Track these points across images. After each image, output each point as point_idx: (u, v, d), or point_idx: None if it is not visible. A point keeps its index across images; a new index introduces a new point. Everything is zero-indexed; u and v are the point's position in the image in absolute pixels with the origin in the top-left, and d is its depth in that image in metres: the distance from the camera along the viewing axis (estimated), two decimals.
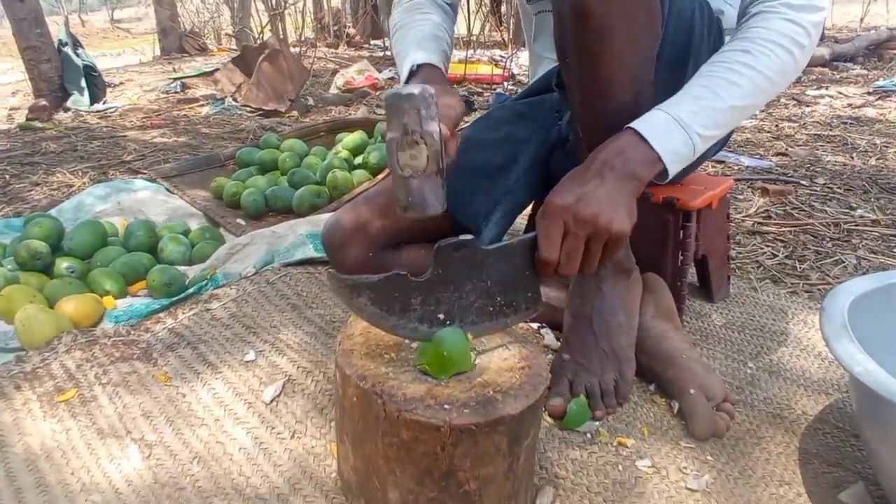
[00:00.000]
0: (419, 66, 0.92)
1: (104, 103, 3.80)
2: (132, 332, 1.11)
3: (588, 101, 0.80)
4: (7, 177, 2.31)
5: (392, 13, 1.10)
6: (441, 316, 0.70)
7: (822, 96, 3.52)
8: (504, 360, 0.75)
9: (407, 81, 0.91)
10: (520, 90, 1.18)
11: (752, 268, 1.45)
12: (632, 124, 0.75)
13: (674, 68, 0.87)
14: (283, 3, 5.21)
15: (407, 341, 0.79)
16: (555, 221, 0.70)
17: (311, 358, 1.01)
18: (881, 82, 3.78)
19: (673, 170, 0.75)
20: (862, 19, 7.34)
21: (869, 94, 3.56)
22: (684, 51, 0.87)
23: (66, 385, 0.95)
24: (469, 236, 0.67)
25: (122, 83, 4.77)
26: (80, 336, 1.07)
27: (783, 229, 1.66)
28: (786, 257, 1.50)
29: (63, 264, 1.32)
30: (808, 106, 3.28)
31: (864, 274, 1.41)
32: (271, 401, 0.90)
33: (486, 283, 0.70)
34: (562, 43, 0.80)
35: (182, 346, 1.04)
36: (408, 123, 0.70)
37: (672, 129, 0.74)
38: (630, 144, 0.74)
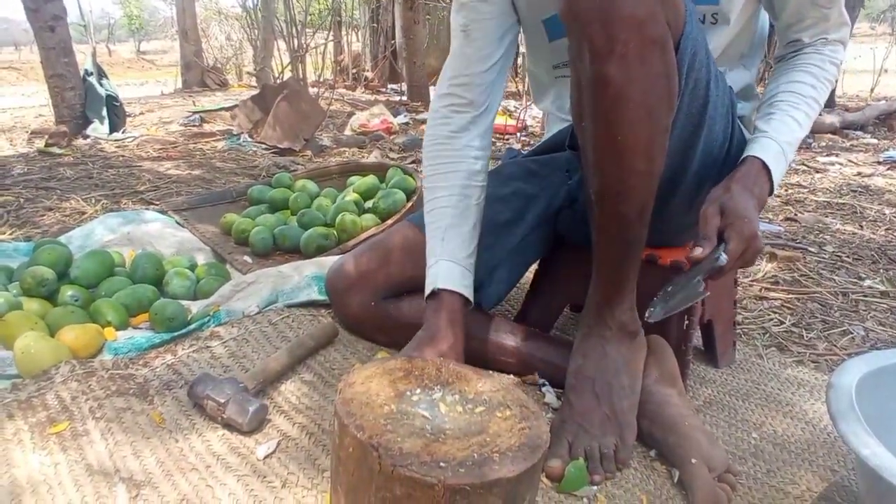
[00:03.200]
0: (438, 290, 0.99)
1: (123, 132, 3.87)
2: (131, 365, 1.10)
3: (601, 166, 0.81)
4: (21, 200, 2.34)
5: (427, 131, 1.11)
6: None
7: (832, 163, 3.55)
8: (505, 419, 0.74)
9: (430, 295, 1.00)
10: (532, 142, 1.20)
11: (759, 334, 1.43)
12: (759, 155, 0.90)
13: (688, 138, 0.89)
14: (304, 46, 5.33)
15: (408, 393, 0.78)
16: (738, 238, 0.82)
17: (308, 406, 1.00)
18: (891, 152, 3.81)
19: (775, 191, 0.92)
20: (872, 90, 7.45)
21: (878, 163, 3.58)
22: (699, 121, 0.88)
23: (60, 417, 0.94)
24: None
25: (142, 113, 4.87)
26: (78, 367, 1.06)
27: (791, 296, 1.65)
28: (793, 325, 1.49)
29: (67, 292, 1.33)
30: (818, 172, 3.30)
31: (871, 347, 1.39)
32: (265, 457, 0.88)
33: None
34: (578, 107, 0.81)
35: (179, 386, 1.02)
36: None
37: (780, 159, 0.91)
38: (762, 177, 0.90)
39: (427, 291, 1.01)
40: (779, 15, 1.00)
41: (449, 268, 1.00)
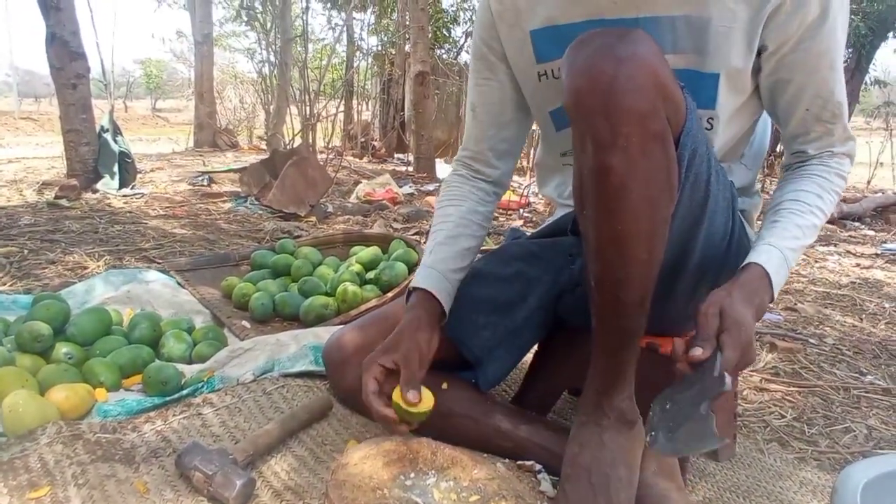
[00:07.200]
0: (415, 288, 1.06)
1: (132, 188, 3.93)
2: (119, 429, 1.07)
3: (602, 253, 0.82)
4: (25, 251, 2.35)
5: (441, 191, 1.21)
6: None
7: (830, 253, 3.58)
8: None
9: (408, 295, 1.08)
10: (535, 219, 1.22)
11: (759, 427, 1.41)
12: (761, 263, 0.87)
13: (688, 229, 0.90)
14: (316, 115, 5.48)
15: (402, 477, 0.77)
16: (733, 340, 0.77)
17: (298, 483, 0.97)
18: (889, 245, 3.85)
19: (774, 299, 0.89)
20: (869, 182, 7.60)
21: (877, 255, 3.61)
22: (700, 214, 0.89)
23: (41, 481, 0.91)
24: None
25: (152, 170, 4.95)
26: (65, 428, 1.04)
27: (791, 389, 1.63)
28: (794, 419, 1.46)
29: (62, 349, 1.31)
30: (817, 262, 3.33)
31: (874, 446, 1.37)
32: None
33: None
34: (580, 195, 0.83)
35: (166, 454, 1.00)
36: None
37: (782, 268, 0.89)
38: (764, 285, 0.87)
39: (406, 295, 1.08)
40: (784, 126, 1.01)
41: (427, 272, 1.06)
